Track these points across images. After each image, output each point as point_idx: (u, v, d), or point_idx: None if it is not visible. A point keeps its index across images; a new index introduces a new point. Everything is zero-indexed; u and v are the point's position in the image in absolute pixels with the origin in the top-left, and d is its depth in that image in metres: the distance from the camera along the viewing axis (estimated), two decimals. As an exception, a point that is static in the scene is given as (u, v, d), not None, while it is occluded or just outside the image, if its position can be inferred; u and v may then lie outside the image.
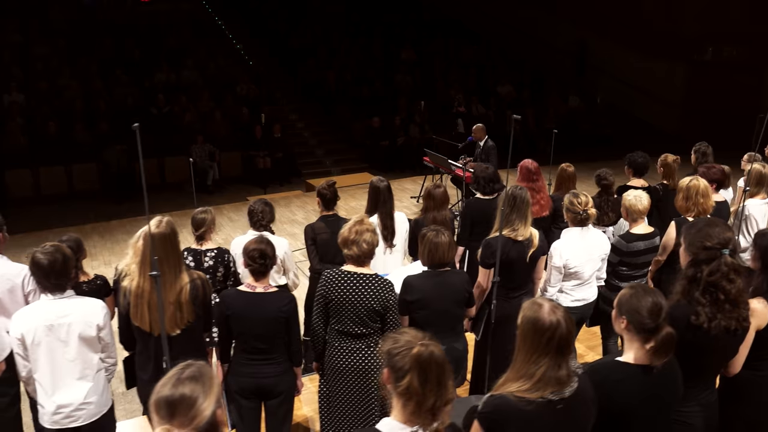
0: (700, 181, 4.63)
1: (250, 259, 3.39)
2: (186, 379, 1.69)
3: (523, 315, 2.16)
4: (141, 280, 3.25)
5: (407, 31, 18.95)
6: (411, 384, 1.87)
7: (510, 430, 2.07)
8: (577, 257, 4.24)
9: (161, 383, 1.69)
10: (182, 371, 1.72)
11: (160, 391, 1.67)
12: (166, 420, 1.63)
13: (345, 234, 3.54)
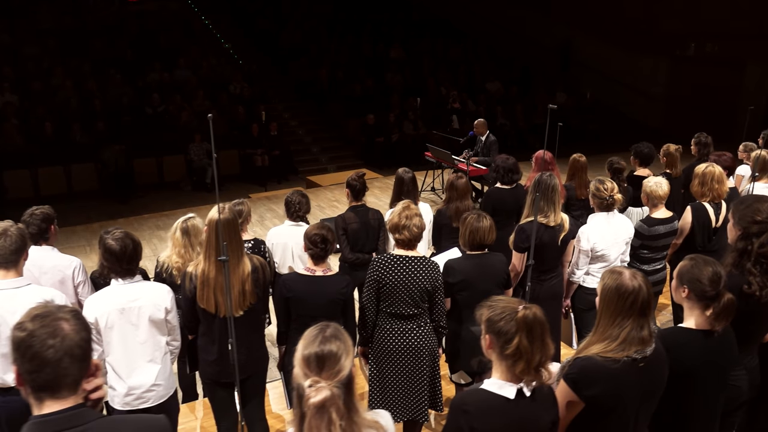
0: (716, 168, 4.89)
1: (311, 244, 3.55)
2: (330, 337, 1.85)
3: (604, 283, 2.35)
4: (206, 264, 3.38)
5: (395, 30, 19.15)
6: (520, 344, 2.05)
7: (597, 388, 2.26)
8: (603, 241, 4.47)
9: (307, 342, 1.84)
10: (323, 331, 1.87)
11: (308, 348, 1.82)
12: (315, 373, 1.79)
13: (395, 220, 3.70)
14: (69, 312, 1.63)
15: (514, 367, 2.10)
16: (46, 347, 1.55)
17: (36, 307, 1.64)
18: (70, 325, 1.60)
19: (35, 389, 1.59)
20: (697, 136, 6.91)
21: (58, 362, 1.57)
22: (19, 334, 1.57)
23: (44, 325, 1.57)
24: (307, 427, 1.75)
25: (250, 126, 13.14)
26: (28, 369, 1.58)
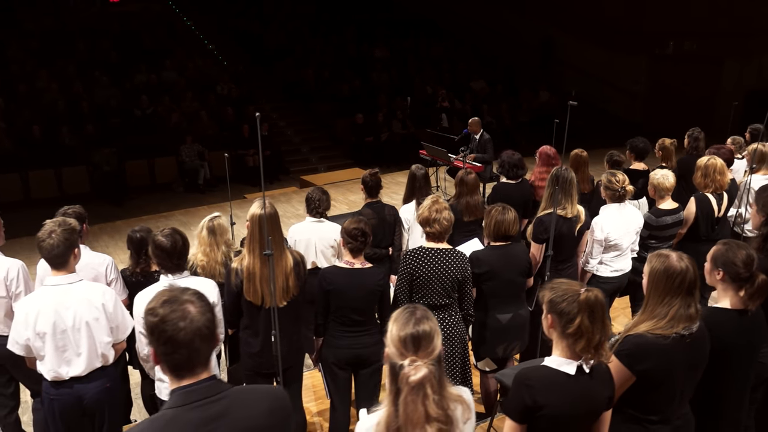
0: (717, 160, 5.12)
1: (351, 238, 3.66)
2: (422, 318, 1.98)
3: (652, 266, 2.52)
4: (251, 258, 3.48)
5: (378, 30, 19.29)
6: (582, 324, 2.20)
7: (649, 363, 2.43)
8: (616, 230, 4.66)
9: (401, 324, 1.96)
10: (414, 313, 2.00)
11: (404, 329, 1.94)
12: (411, 353, 1.92)
13: (425, 214, 3.84)
14: (193, 294, 1.74)
15: (575, 345, 2.25)
16: (178, 330, 1.67)
17: (162, 292, 1.74)
18: (195, 307, 1.71)
19: (172, 368, 1.72)
20: (690, 131, 7.15)
21: (190, 343, 1.68)
22: (153, 319, 1.68)
23: (174, 310, 1.68)
24: (403, 403, 1.89)
25: (240, 127, 13.16)
26: (164, 351, 1.70)
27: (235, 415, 1.75)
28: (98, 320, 3.18)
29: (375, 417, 2.01)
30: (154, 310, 1.70)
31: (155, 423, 1.69)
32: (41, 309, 3.06)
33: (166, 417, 1.69)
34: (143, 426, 1.71)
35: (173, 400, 1.71)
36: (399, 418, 1.90)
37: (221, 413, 1.72)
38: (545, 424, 2.26)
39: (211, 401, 1.71)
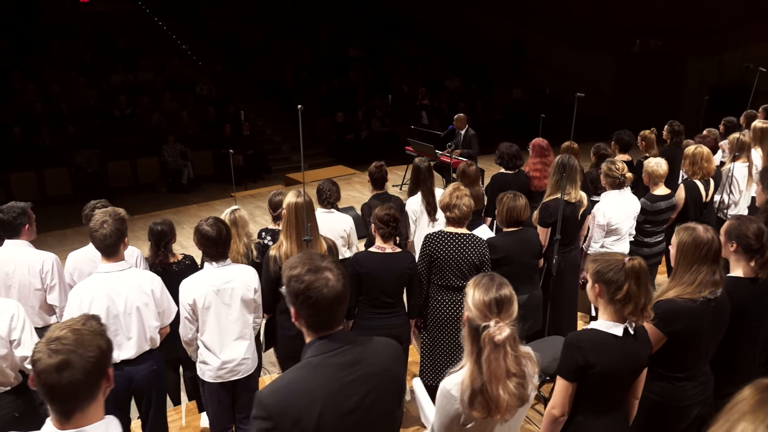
0: (704, 149, 5.47)
1: (382, 223, 3.85)
2: (501, 284, 2.20)
3: (680, 238, 2.78)
4: (289, 244, 3.65)
5: (351, 30, 19.47)
6: (630, 290, 2.44)
7: (679, 324, 2.69)
8: (617, 216, 4.95)
9: (483, 290, 2.17)
10: (493, 279, 2.22)
11: (487, 294, 2.16)
12: (495, 315, 2.14)
13: (447, 200, 4.06)
14: (331, 263, 1.92)
15: (624, 309, 2.49)
16: (322, 296, 1.85)
17: (303, 259, 1.90)
18: (334, 275, 1.89)
19: (313, 326, 1.92)
20: (670, 124, 7.53)
21: (331, 307, 1.88)
22: (299, 285, 1.86)
23: (318, 278, 1.86)
24: (487, 361, 2.11)
25: (221, 126, 13.20)
26: (308, 314, 1.89)
27: (368, 360, 1.95)
28: (147, 305, 3.31)
29: (457, 376, 2.22)
30: (299, 277, 1.87)
31: (305, 369, 1.88)
32: (95, 295, 3.18)
33: (313, 363, 1.88)
34: (293, 374, 1.88)
35: (315, 349, 1.90)
36: (483, 374, 2.12)
37: (357, 359, 1.92)
38: (595, 382, 2.49)
39: (347, 349, 1.92)
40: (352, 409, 1.90)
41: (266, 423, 1.82)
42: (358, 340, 1.98)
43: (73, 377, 1.60)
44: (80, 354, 1.61)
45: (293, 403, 1.82)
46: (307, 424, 1.82)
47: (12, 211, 3.96)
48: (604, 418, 2.59)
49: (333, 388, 1.87)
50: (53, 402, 1.65)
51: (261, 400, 1.85)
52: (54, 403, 1.65)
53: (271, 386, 1.88)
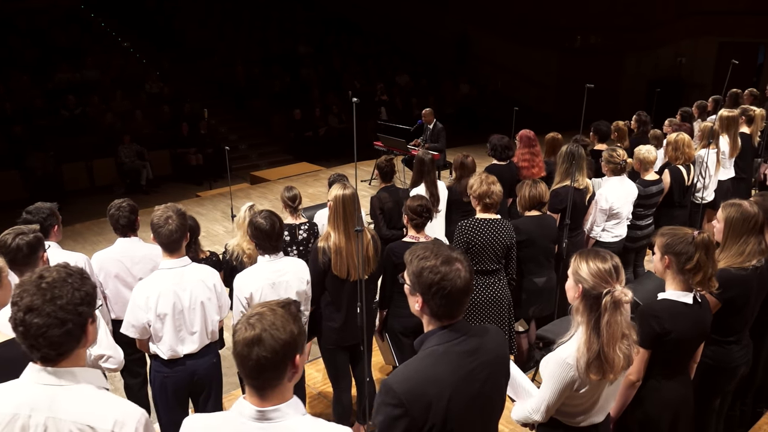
0: (685, 135, 5.87)
1: (415, 214, 3.96)
2: (605, 253, 2.37)
3: (728, 213, 3.05)
4: (336, 235, 3.71)
5: (298, 27, 19.37)
6: (700, 259, 2.67)
7: (733, 291, 2.95)
8: (618, 200, 5.25)
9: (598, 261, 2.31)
10: (598, 252, 2.39)
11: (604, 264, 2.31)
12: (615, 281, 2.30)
13: (480, 189, 4.21)
14: (459, 254, 2.00)
15: (693, 278, 2.71)
16: (455, 287, 1.92)
17: (434, 251, 1.97)
18: (464, 266, 1.96)
19: (438, 316, 1.97)
20: (637, 114, 8.00)
21: (461, 297, 1.95)
22: (433, 276, 1.91)
23: (452, 269, 1.92)
24: (607, 324, 2.28)
25: (177, 125, 12.91)
26: (439, 303, 1.94)
27: (485, 348, 2.04)
28: (210, 300, 3.31)
29: (569, 346, 2.37)
30: (435, 268, 1.92)
31: (432, 357, 1.94)
32: (162, 291, 3.15)
33: (439, 351, 1.95)
34: (420, 362, 1.94)
35: (439, 338, 1.97)
36: (600, 339, 2.28)
37: (477, 347, 2.01)
38: (670, 347, 2.71)
39: (467, 337, 1.99)
40: (476, 395, 1.99)
41: (397, 410, 1.86)
42: (474, 330, 2.06)
43: (260, 354, 1.64)
44: (272, 334, 1.65)
45: (425, 390, 1.88)
46: (437, 411, 1.89)
47: (41, 213, 3.84)
48: (673, 381, 2.81)
49: (459, 375, 1.94)
50: (244, 375, 1.70)
51: (392, 387, 1.88)
52: (245, 376, 1.69)
53: (400, 374, 1.93)
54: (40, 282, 1.72)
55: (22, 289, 1.72)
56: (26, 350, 1.74)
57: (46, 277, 1.73)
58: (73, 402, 1.74)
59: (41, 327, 1.68)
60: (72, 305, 1.72)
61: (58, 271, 1.77)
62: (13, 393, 1.77)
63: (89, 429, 1.72)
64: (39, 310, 1.68)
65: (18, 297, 1.71)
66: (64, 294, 1.72)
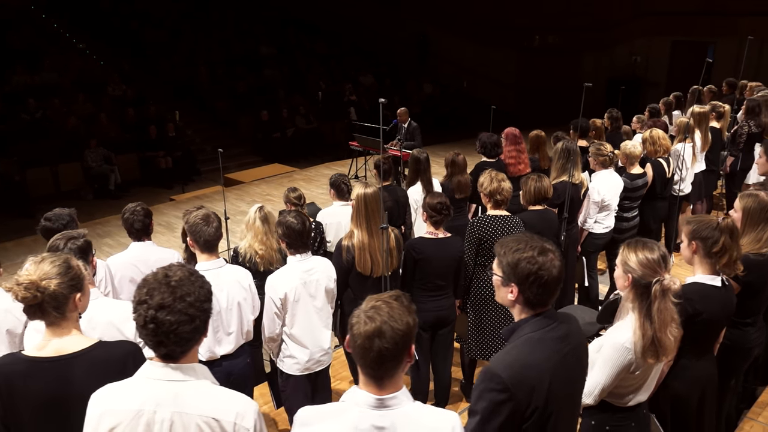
0: (657, 131, 6.17)
1: (435, 211, 4.05)
2: (653, 244, 2.51)
3: (745, 203, 3.25)
4: (360, 233, 3.77)
5: (257, 28, 19.22)
6: (725, 243, 2.85)
7: (752, 275, 3.14)
8: (608, 192, 5.48)
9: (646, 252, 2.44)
10: (645, 243, 2.52)
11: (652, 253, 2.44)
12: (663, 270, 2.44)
13: (491, 187, 4.33)
14: (551, 244, 2.10)
15: (719, 261, 2.90)
16: (552, 276, 2.03)
17: (528, 242, 2.06)
18: (556, 256, 2.07)
19: (532, 304, 2.08)
20: (609, 112, 8.29)
21: (555, 285, 2.07)
22: (531, 267, 2.01)
23: (548, 260, 2.03)
24: (658, 310, 2.43)
25: (143, 128, 12.66)
26: (535, 292, 2.04)
27: (573, 333, 2.17)
28: (246, 300, 3.33)
29: (625, 332, 2.50)
30: (533, 258, 2.03)
31: (529, 344, 2.05)
32: (199, 294, 3.15)
33: (535, 338, 2.06)
34: (519, 348, 2.04)
35: (533, 325, 2.08)
36: (653, 324, 2.43)
37: (567, 333, 2.13)
38: (700, 328, 2.88)
39: (558, 324, 2.11)
40: (569, 378, 2.13)
41: (502, 395, 1.96)
42: (562, 316, 2.18)
43: (383, 345, 1.71)
44: (391, 326, 1.72)
45: (527, 375, 1.99)
46: (539, 394, 2.00)
47: (61, 219, 3.78)
48: (702, 360, 2.99)
49: (555, 359, 2.06)
50: (364, 366, 1.76)
51: (497, 373, 1.98)
52: (365, 367, 1.75)
53: (501, 361, 2.02)
54: (168, 280, 1.75)
55: (149, 288, 1.75)
56: (151, 347, 1.76)
57: (171, 276, 1.76)
58: (196, 397, 1.77)
59: (173, 324, 1.71)
60: (199, 302, 1.76)
61: (180, 269, 1.80)
62: (135, 390, 1.79)
63: (214, 422, 1.75)
64: (170, 307, 1.71)
65: (147, 295, 1.73)
66: (192, 291, 1.75)
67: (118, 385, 1.83)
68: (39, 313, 2.10)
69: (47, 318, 2.12)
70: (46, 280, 2.07)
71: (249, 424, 1.79)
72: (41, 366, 2.08)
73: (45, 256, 2.16)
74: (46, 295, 2.07)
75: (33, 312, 2.10)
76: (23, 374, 2.07)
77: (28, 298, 2.06)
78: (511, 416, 1.98)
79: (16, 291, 2.05)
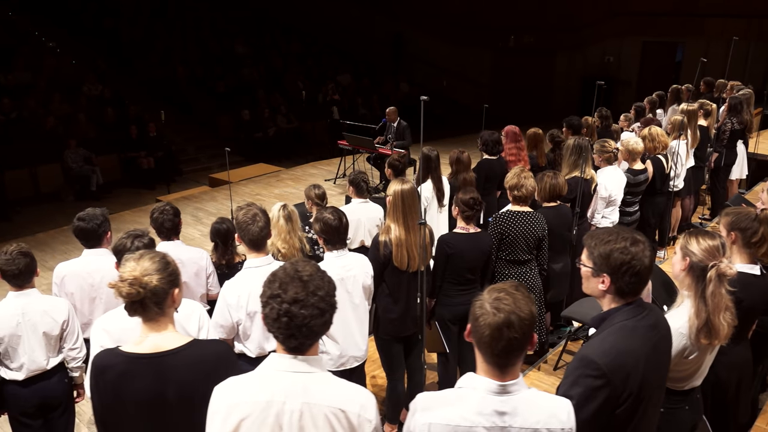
0: (657, 128, 6.37)
1: (467, 207, 4.12)
2: (712, 232, 2.63)
3: None
4: (397, 228, 3.82)
5: (231, 27, 19.04)
6: (765, 233, 3.00)
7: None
8: (615, 187, 5.63)
9: (705, 238, 2.56)
10: (705, 231, 2.64)
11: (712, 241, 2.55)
12: (721, 255, 2.55)
13: (514, 180, 4.43)
14: (640, 234, 2.17)
15: (758, 251, 3.04)
16: (644, 266, 2.11)
17: (618, 234, 2.13)
18: (647, 246, 2.14)
19: (623, 293, 2.15)
20: (599, 110, 8.48)
21: (647, 275, 2.15)
22: (624, 256, 2.09)
23: (640, 250, 2.10)
24: (712, 295, 2.55)
25: (123, 128, 12.44)
26: (628, 281, 2.11)
27: (661, 322, 2.26)
28: (295, 296, 3.34)
29: (679, 318, 2.60)
30: (626, 249, 2.09)
31: (623, 331, 2.12)
32: (252, 290, 3.15)
33: (628, 326, 2.13)
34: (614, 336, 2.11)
35: (625, 314, 2.15)
36: (707, 307, 2.54)
37: (656, 321, 2.22)
38: (741, 315, 2.98)
39: (648, 313, 2.20)
40: (660, 365, 2.22)
41: (598, 381, 2.04)
42: (649, 306, 2.27)
43: (512, 336, 1.76)
44: (519, 315, 1.77)
45: (624, 361, 2.07)
46: (634, 380, 2.08)
47: (95, 219, 3.73)
48: (739, 346, 3.13)
49: (648, 347, 2.14)
50: (491, 355, 1.79)
51: (593, 359, 2.05)
52: (492, 356, 1.79)
53: (597, 348, 2.09)
54: (299, 275, 1.78)
55: (281, 282, 1.77)
56: (281, 340, 1.79)
57: (301, 271, 1.79)
58: (324, 388, 1.80)
59: (306, 317, 1.74)
60: (329, 297, 1.79)
61: (308, 264, 1.83)
62: (263, 382, 1.82)
63: (341, 413, 1.78)
64: (303, 301, 1.74)
65: (280, 289, 1.76)
66: (323, 286, 1.78)
67: (244, 377, 1.85)
68: (140, 309, 2.10)
69: (147, 314, 2.12)
70: (147, 276, 2.07)
71: (372, 416, 1.83)
72: (140, 362, 2.08)
73: (143, 253, 2.15)
74: (148, 291, 2.07)
75: (135, 308, 2.10)
76: (122, 370, 2.07)
77: (132, 294, 2.05)
78: (607, 402, 2.06)
79: (121, 287, 2.05)
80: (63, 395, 3.68)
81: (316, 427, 1.78)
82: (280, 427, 1.78)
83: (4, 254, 3.44)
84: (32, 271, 3.49)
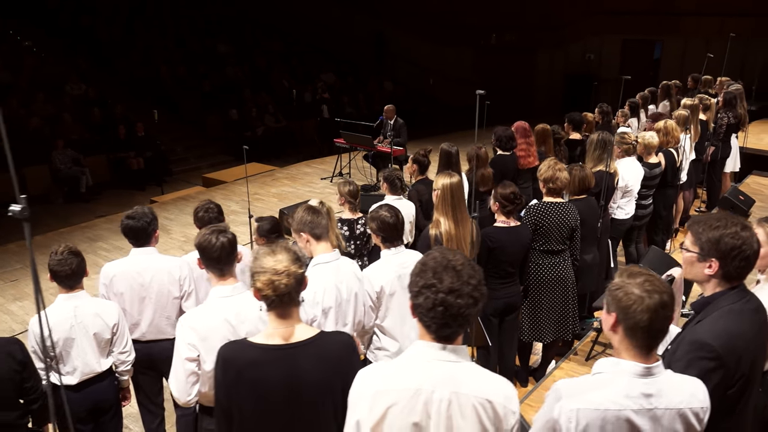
0: (671, 121, 6.50)
1: (508, 201, 4.16)
2: None
3: None
4: (446, 221, 3.84)
5: (212, 26, 18.81)
6: None
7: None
8: (632, 179, 5.75)
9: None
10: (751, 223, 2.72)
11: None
12: None
13: (548, 173, 4.49)
14: (748, 221, 2.23)
15: None
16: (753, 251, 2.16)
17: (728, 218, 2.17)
18: (754, 233, 2.19)
19: (731, 277, 2.20)
20: (599, 106, 8.62)
21: (754, 261, 2.19)
22: (735, 241, 2.13)
23: (750, 234, 2.15)
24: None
25: (110, 128, 12.19)
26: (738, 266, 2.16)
27: (762, 306, 2.30)
28: (360, 291, 3.33)
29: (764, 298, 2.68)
30: (737, 234, 2.14)
31: (732, 314, 2.16)
32: (326, 287, 3.13)
33: (735, 310, 2.18)
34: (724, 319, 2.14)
35: (731, 298, 2.20)
36: None
37: (758, 305, 2.27)
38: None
39: (751, 297, 2.26)
40: (765, 349, 2.26)
41: (712, 363, 2.09)
42: (749, 290, 2.32)
43: (668, 314, 1.81)
44: (668, 293, 1.81)
45: (736, 344, 2.12)
46: (745, 362, 2.13)
47: (145, 217, 3.66)
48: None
49: (755, 330, 2.20)
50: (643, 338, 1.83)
51: (707, 342, 2.10)
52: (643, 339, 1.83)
53: (709, 331, 2.13)
54: (452, 264, 1.78)
55: (434, 272, 1.77)
56: (434, 329, 1.79)
57: (453, 260, 1.79)
58: (471, 378, 1.81)
59: (462, 307, 1.74)
60: (481, 285, 1.79)
61: (458, 254, 1.83)
62: (411, 370, 1.82)
63: (488, 403, 1.79)
64: (459, 291, 1.74)
65: (436, 279, 1.75)
66: (474, 275, 1.79)
67: (389, 365, 1.85)
68: (287, 299, 2.09)
69: (287, 305, 2.11)
70: (294, 265, 2.07)
71: (515, 407, 1.84)
72: (273, 354, 2.06)
73: (273, 248, 2.13)
74: (296, 281, 2.06)
75: (282, 300, 2.08)
76: (254, 362, 2.06)
77: (290, 285, 2.05)
78: (720, 383, 2.10)
79: (278, 281, 2.03)
80: (114, 398, 3.62)
81: (464, 417, 1.79)
82: (429, 416, 1.79)
83: (55, 255, 3.37)
84: (83, 271, 3.42)
